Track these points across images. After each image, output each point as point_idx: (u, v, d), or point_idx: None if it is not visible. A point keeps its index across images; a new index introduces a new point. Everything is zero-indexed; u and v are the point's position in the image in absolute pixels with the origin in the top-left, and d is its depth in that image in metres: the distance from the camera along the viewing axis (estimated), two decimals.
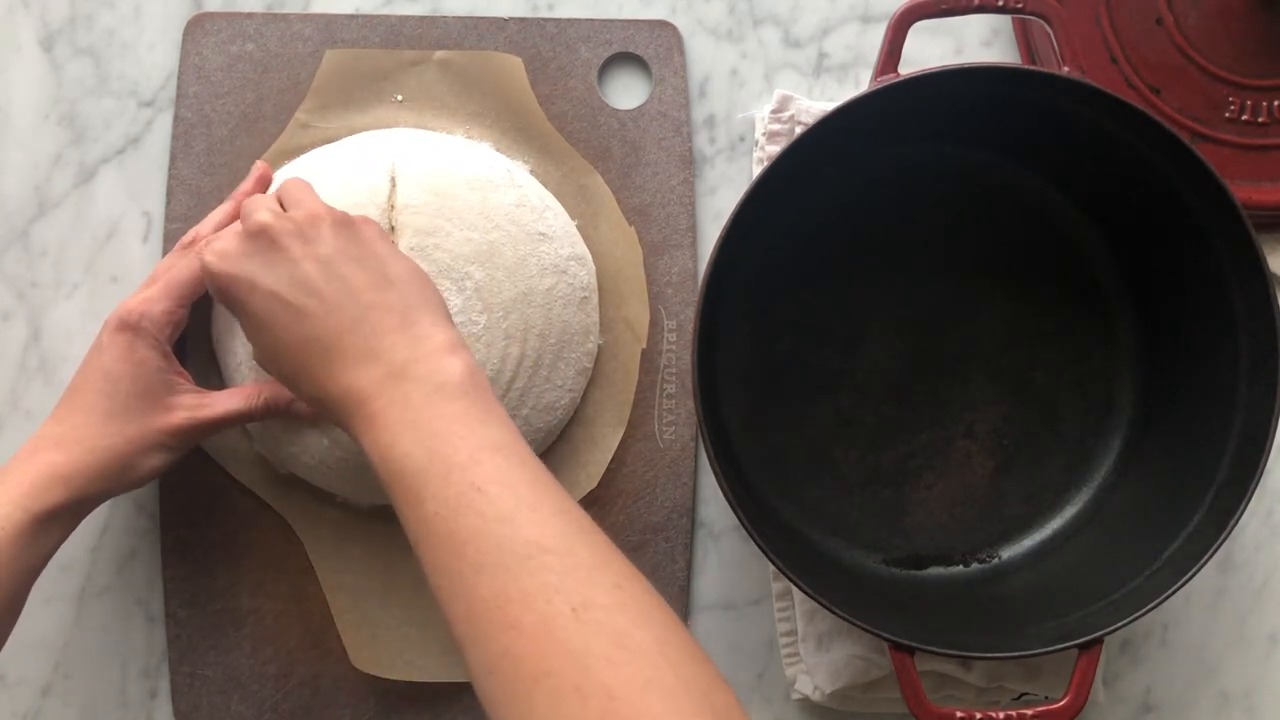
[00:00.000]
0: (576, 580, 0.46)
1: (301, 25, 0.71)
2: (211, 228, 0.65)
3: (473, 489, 0.49)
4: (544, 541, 0.47)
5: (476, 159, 0.68)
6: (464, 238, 0.65)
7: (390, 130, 0.69)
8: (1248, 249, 0.59)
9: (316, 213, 0.57)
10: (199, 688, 0.69)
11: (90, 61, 0.72)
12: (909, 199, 0.68)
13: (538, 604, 0.45)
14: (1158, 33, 0.69)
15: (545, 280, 0.66)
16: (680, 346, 0.70)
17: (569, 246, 0.68)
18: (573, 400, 0.68)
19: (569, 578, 0.46)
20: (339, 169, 0.67)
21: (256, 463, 0.69)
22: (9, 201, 0.71)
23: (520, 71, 0.70)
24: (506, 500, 0.49)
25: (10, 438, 0.71)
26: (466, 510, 0.49)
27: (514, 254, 0.66)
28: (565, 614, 0.45)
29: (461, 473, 0.50)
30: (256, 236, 0.57)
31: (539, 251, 0.67)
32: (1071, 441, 0.69)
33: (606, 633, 0.45)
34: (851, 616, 0.58)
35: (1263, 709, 0.71)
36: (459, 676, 0.68)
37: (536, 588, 0.46)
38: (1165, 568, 0.60)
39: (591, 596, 0.46)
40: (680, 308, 0.70)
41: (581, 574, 0.47)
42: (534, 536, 0.47)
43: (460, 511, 0.49)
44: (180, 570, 0.69)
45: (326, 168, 0.67)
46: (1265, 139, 0.69)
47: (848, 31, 0.73)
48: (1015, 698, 0.69)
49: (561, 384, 0.67)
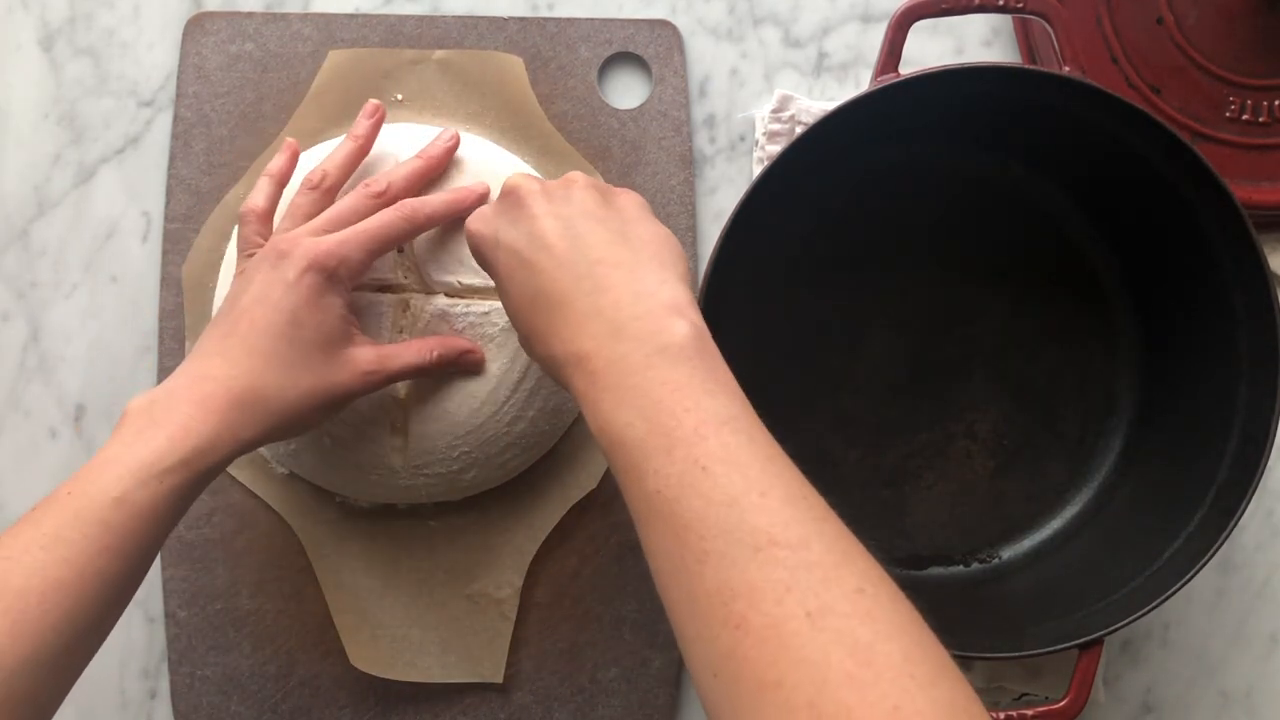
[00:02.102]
0: (812, 579, 0.41)
1: (301, 25, 0.71)
2: (339, 165, 0.63)
3: (697, 467, 0.45)
4: (774, 532, 0.42)
5: (480, 151, 0.68)
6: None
7: (392, 125, 0.69)
8: (1248, 249, 0.59)
9: (571, 177, 0.55)
10: (199, 688, 0.69)
11: (90, 61, 0.72)
12: (909, 199, 0.68)
13: (766, 603, 0.41)
14: (1158, 32, 0.69)
15: None
16: None
17: None
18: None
19: (803, 575, 0.41)
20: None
21: (256, 463, 0.69)
22: (9, 201, 0.71)
23: (520, 71, 0.70)
24: (734, 482, 0.44)
25: (10, 438, 0.71)
26: (690, 491, 0.44)
27: None
28: (798, 617, 0.40)
29: (686, 449, 0.45)
30: (507, 195, 0.55)
31: None
32: (1071, 441, 0.69)
33: (847, 644, 0.40)
34: None
35: (1263, 709, 0.71)
36: (458, 677, 0.68)
37: (766, 584, 0.41)
38: (1165, 568, 0.60)
39: (829, 601, 0.41)
40: None
41: (818, 573, 0.42)
42: (763, 525, 0.43)
43: (683, 492, 0.44)
44: (180, 570, 0.69)
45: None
46: (1265, 139, 0.69)
47: (848, 31, 0.73)
48: (1015, 698, 0.69)
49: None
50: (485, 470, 0.67)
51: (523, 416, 0.66)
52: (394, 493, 0.67)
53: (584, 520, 0.69)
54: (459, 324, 0.65)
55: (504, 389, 0.65)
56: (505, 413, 0.65)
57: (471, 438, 0.65)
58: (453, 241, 0.65)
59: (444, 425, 0.65)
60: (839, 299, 0.68)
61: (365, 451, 0.65)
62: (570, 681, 0.69)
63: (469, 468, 0.66)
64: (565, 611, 0.69)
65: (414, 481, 0.66)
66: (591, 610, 0.69)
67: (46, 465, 0.70)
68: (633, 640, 0.69)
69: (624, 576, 0.69)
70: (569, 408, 0.68)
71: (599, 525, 0.69)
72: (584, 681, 0.69)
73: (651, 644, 0.69)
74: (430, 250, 0.65)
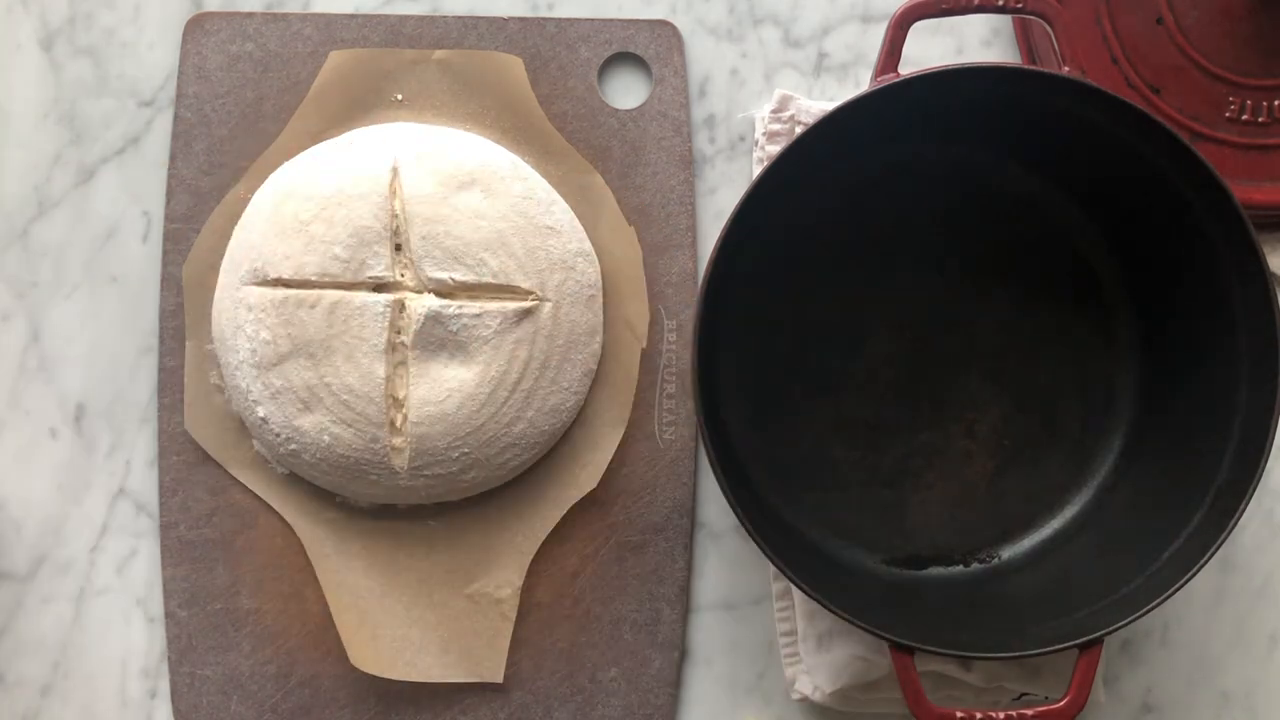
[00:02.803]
0: None
1: (301, 25, 0.71)
2: None
3: None
4: None
5: (480, 150, 0.68)
6: (473, 225, 0.65)
7: (392, 124, 0.69)
8: (1248, 249, 0.59)
9: None
10: (198, 688, 0.69)
11: (90, 61, 0.72)
12: (909, 199, 0.68)
13: None
14: (1158, 33, 0.69)
15: (555, 276, 0.66)
16: (680, 346, 0.70)
17: (576, 242, 0.68)
18: (577, 402, 0.68)
19: None
20: (341, 160, 0.67)
21: (256, 463, 0.69)
22: (9, 201, 0.71)
23: (520, 71, 0.70)
24: None
25: (10, 438, 0.71)
26: None
27: (523, 246, 0.66)
28: None
29: None
30: None
31: (547, 245, 0.67)
32: (1071, 441, 0.69)
33: None
34: (851, 616, 0.58)
35: (1263, 709, 0.71)
36: (458, 677, 0.68)
37: None
38: (1165, 568, 0.60)
39: None
40: (680, 308, 0.70)
41: None
42: None
43: None
44: (180, 570, 0.69)
45: (330, 159, 0.67)
46: (1265, 139, 0.69)
47: (848, 31, 0.73)
48: (1015, 698, 0.69)
49: (568, 386, 0.67)
50: (485, 471, 0.67)
51: (522, 416, 0.66)
52: (394, 493, 0.67)
53: (584, 520, 0.69)
54: (452, 325, 0.65)
55: (503, 389, 0.65)
56: (505, 413, 0.66)
57: (471, 439, 0.65)
58: (447, 236, 0.65)
59: (444, 426, 0.65)
60: (839, 299, 0.68)
61: (365, 452, 0.65)
62: (570, 681, 0.69)
63: (469, 468, 0.66)
64: (565, 611, 0.69)
65: (414, 482, 0.66)
66: (591, 610, 0.69)
67: (46, 465, 0.70)
68: (633, 640, 0.69)
69: (624, 576, 0.69)
70: (568, 407, 0.68)
71: (599, 525, 0.69)
72: (584, 681, 0.69)
73: (651, 644, 0.69)
74: (424, 245, 0.65)
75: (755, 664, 0.70)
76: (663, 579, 0.69)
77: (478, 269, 0.65)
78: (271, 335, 0.65)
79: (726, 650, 0.70)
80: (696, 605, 0.70)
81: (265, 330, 0.65)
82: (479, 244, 0.65)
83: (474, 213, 0.65)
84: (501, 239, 0.65)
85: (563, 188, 0.70)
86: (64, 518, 0.70)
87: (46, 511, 0.70)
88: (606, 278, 0.70)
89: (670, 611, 0.69)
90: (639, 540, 0.69)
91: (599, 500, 0.69)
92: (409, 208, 0.65)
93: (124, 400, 0.71)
